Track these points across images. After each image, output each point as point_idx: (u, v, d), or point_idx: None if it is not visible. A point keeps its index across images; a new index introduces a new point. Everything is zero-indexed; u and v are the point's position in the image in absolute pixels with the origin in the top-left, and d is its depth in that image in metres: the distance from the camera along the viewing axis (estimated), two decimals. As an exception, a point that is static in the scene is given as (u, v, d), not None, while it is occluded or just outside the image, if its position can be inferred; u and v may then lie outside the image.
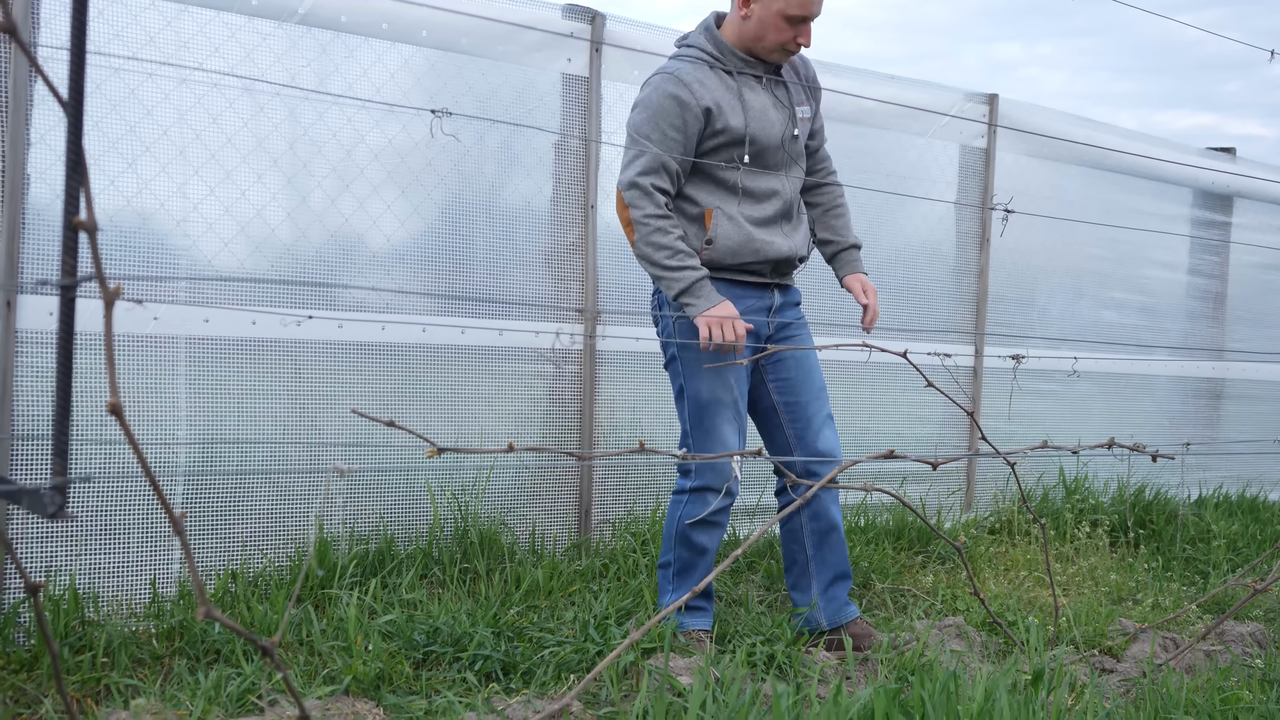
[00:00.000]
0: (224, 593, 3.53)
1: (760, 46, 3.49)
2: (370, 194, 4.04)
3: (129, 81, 3.56)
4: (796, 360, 3.64)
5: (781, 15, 3.41)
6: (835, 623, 3.66)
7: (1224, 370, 6.91)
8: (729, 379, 3.52)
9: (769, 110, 3.55)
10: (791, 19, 3.42)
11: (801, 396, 3.63)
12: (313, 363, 3.92)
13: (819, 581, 3.68)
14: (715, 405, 3.52)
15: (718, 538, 3.60)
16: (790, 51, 3.50)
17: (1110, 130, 6.16)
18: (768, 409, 3.67)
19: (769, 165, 3.55)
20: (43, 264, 3.39)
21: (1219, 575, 4.94)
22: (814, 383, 3.66)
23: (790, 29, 3.43)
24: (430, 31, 4.06)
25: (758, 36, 3.48)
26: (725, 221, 3.49)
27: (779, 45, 3.47)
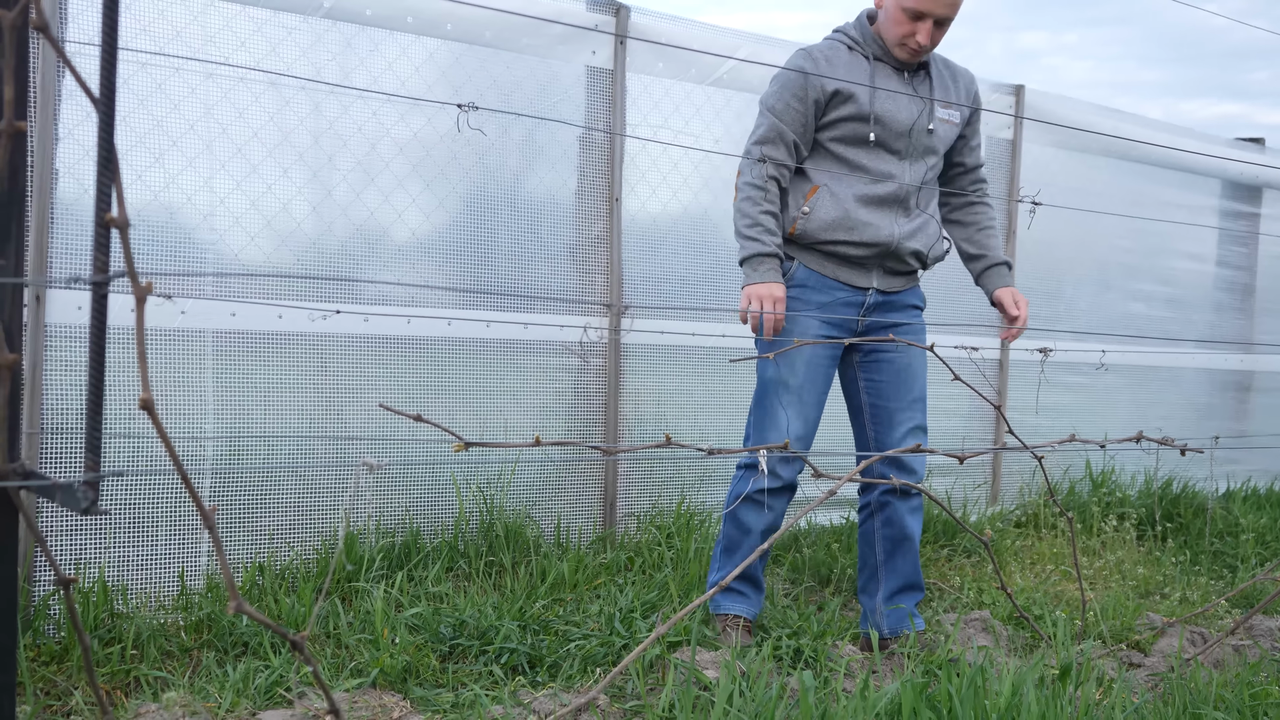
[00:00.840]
0: (251, 585, 3.54)
1: (887, 39, 3.48)
2: (395, 187, 4.04)
3: (156, 76, 3.57)
4: (893, 365, 3.60)
5: (900, 8, 3.40)
6: (895, 632, 3.61)
7: (1252, 363, 6.86)
8: (797, 363, 3.49)
9: (900, 96, 3.52)
10: (908, 11, 3.38)
11: (891, 403, 3.59)
12: (339, 356, 3.93)
13: (886, 588, 3.63)
14: (777, 386, 3.51)
15: (764, 519, 3.53)
16: (912, 49, 3.45)
17: (1137, 121, 6.12)
18: (857, 408, 3.66)
19: (893, 150, 3.51)
20: (71, 258, 3.41)
21: (1247, 569, 4.91)
22: (910, 391, 3.61)
23: (909, 23, 3.40)
24: (455, 25, 4.06)
25: (885, 28, 3.47)
26: (828, 197, 3.48)
27: (899, 39, 3.44)
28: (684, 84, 4.62)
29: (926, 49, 3.44)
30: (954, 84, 3.65)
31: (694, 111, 4.66)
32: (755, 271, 3.41)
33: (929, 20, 3.39)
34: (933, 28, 3.41)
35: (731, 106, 4.76)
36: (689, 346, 4.64)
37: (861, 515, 3.71)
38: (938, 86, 3.60)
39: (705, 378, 4.72)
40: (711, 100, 4.71)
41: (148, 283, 1.45)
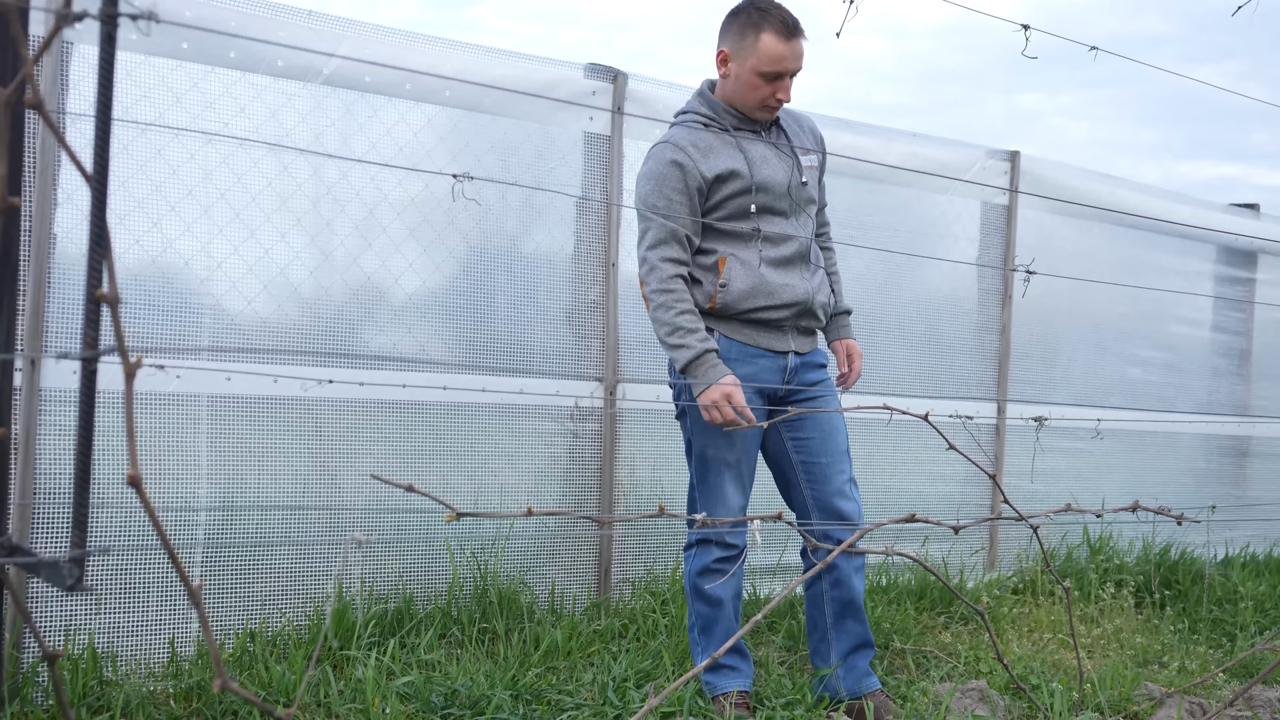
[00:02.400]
0: (242, 652, 3.52)
1: (743, 105, 3.47)
2: (393, 251, 4.06)
3: (155, 141, 3.59)
4: (817, 421, 3.61)
5: (755, 72, 3.38)
6: (855, 693, 3.60)
7: (1250, 428, 6.85)
8: (733, 439, 3.49)
9: (770, 159, 3.52)
10: (766, 75, 3.38)
11: (821, 458, 3.59)
12: (334, 420, 3.93)
13: (839, 649, 3.63)
14: (717, 463, 3.50)
15: (730, 587, 3.53)
16: (771, 108, 3.47)
17: (1134, 187, 6.16)
18: (787, 468, 3.64)
19: (779, 211, 3.52)
20: (68, 321, 3.41)
21: (1246, 637, 4.87)
22: (835, 445, 3.61)
23: (767, 85, 3.40)
24: (453, 92, 4.10)
25: (739, 95, 3.45)
26: (739, 266, 3.46)
27: (759, 103, 3.44)
28: (681, 150, 4.64)
29: (787, 102, 3.47)
30: (801, 129, 3.67)
31: (691, 177, 4.69)
32: (698, 376, 3.36)
33: (786, 78, 3.42)
34: (789, 81, 3.44)
35: (728, 172, 4.78)
36: (685, 411, 4.63)
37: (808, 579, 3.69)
38: (792, 135, 3.62)
39: (701, 442, 4.70)
40: (708, 166, 4.73)
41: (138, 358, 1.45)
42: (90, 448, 1.55)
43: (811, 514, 3.59)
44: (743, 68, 3.40)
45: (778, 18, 3.36)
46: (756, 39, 3.36)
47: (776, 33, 3.35)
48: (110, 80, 1.50)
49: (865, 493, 3.88)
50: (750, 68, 3.38)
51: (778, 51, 3.36)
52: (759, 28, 3.36)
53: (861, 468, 5.11)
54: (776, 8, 3.39)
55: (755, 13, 3.38)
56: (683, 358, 3.34)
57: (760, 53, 3.36)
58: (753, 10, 3.39)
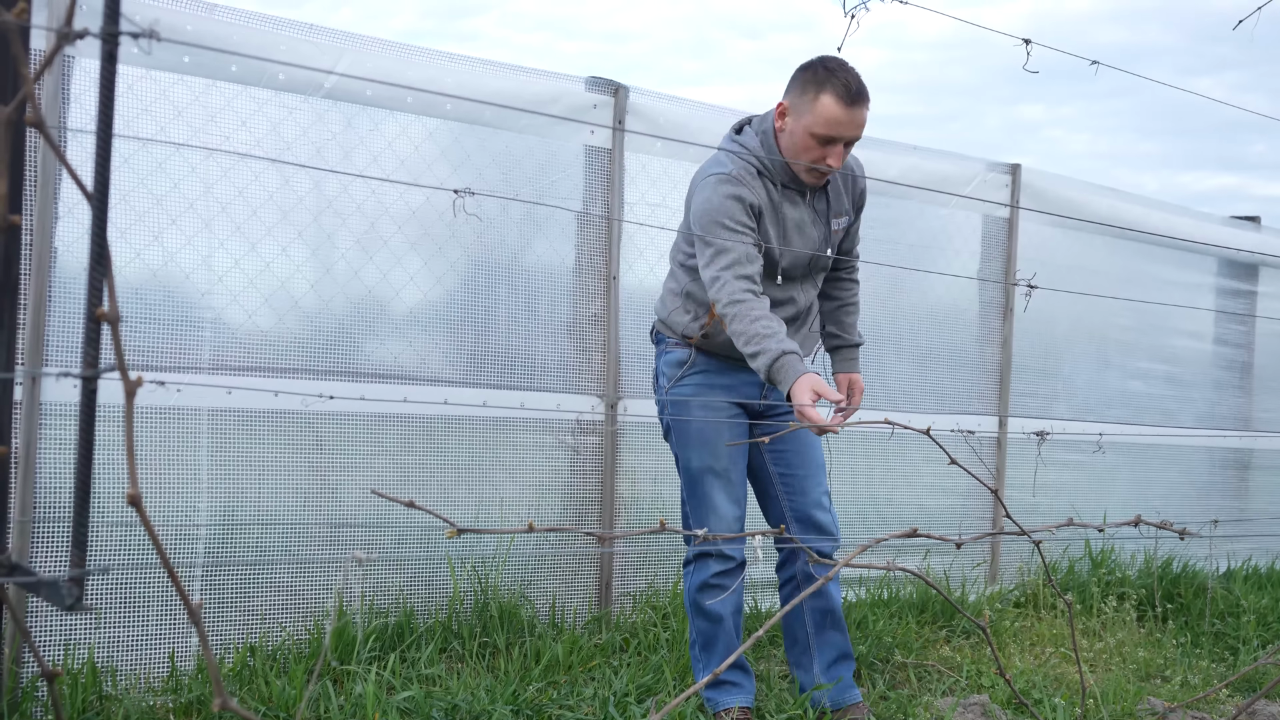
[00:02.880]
0: (242, 666, 3.51)
1: (793, 163, 3.36)
2: (394, 264, 4.06)
3: (156, 154, 3.59)
4: (794, 435, 3.61)
5: (809, 132, 3.27)
6: (838, 705, 3.60)
7: (1251, 441, 6.84)
8: (719, 448, 3.49)
9: (805, 227, 3.45)
10: (819, 137, 3.27)
11: (798, 470, 3.60)
12: (334, 432, 3.92)
13: (820, 660, 3.63)
14: (706, 474, 3.50)
15: (730, 603, 3.52)
16: (820, 173, 3.37)
17: (1134, 200, 6.15)
18: (766, 479, 3.65)
19: (790, 277, 3.48)
20: (69, 335, 3.41)
21: (1249, 651, 4.86)
22: (812, 459, 3.62)
23: (819, 148, 3.29)
24: (455, 105, 4.10)
25: (790, 152, 3.35)
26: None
27: (808, 164, 3.33)
28: (682, 163, 4.64)
29: (837, 169, 3.35)
30: (844, 188, 3.57)
31: (692, 190, 4.68)
32: (781, 379, 3.13)
33: (839, 144, 3.30)
34: (843, 149, 3.32)
35: (729, 185, 4.78)
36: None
37: (785, 590, 3.69)
38: (833, 198, 3.53)
39: (702, 455, 4.69)
40: (709, 179, 4.73)
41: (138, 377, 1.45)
42: (90, 467, 1.55)
43: (789, 525, 3.59)
44: (798, 124, 3.29)
45: (842, 81, 3.24)
46: (816, 98, 3.25)
47: (838, 96, 3.23)
48: (111, 99, 1.49)
49: (867, 506, 3.88)
50: (805, 126, 3.27)
51: (835, 115, 3.24)
52: (821, 87, 3.24)
53: (863, 481, 5.11)
54: (845, 71, 3.26)
55: (822, 71, 3.27)
56: (763, 365, 3.15)
57: (817, 113, 3.24)
58: (820, 69, 3.28)
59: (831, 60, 3.30)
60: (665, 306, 3.63)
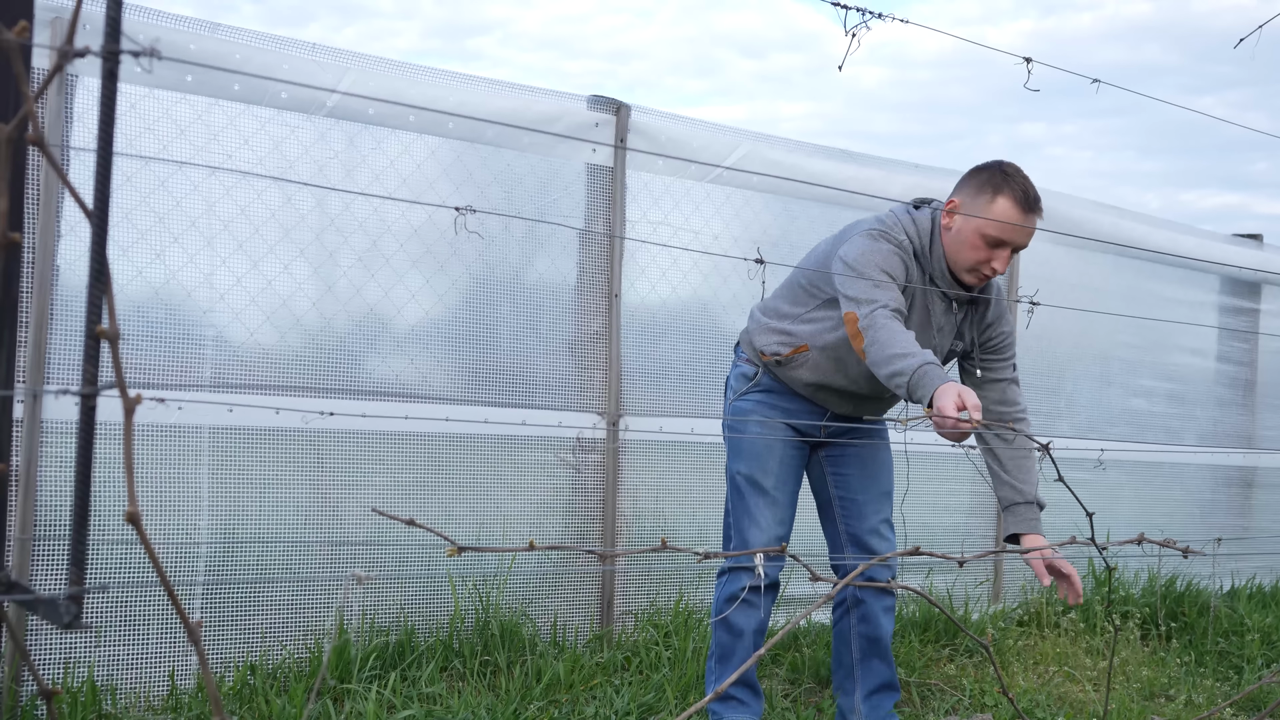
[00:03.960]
0: (242, 685, 3.50)
1: (955, 262, 3.29)
2: (396, 282, 4.06)
3: (159, 172, 3.60)
4: (860, 459, 3.59)
5: (979, 233, 3.21)
6: None
7: (1255, 459, 6.83)
8: (769, 464, 3.47)
9: (944, 331, 3.38)
10: (988, 239, 3.20)
11: (860, 495, 3.58)
12: (336, 450, 3.92)
13: (863, 688, 3.61)
14: (752, 487, 3.48)
15: (754, 618, 3.47)
16: (983, 276, 3.28)
17: (1138, 219, 6.16)
18: (825, 502, 3.64)
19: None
20: (71, 352, 3.41)
21: (1253, 670, 4.84)
22: (877, 484, 3.59)
23: (986, 250, 3.22)
24: (457, 124, 4.10)
25: (955, 250, 3.28)
26: (811, 365, 3.41)
27: (971, 265, 3.25)
28: (684, 181, 4.65)
29: (1000, 274, 3.30)
30: (977, 315, 3.48)
31: (694, 207, 4.69)
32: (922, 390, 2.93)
33: (1007, 249, 3.24)
34: (1009, 254, 3.26)
35: (731, 203, 4.79)
36: (688, 443, 4.62)
37: (836, 613, 3.68)
38: (969, 320, 3.45)
39: (704, 473, 4.69)
40: (711, 196, 4.74)
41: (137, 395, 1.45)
42: (89, 485, 1.54)
43: (846, 548, 3.57)
44: (968, 224, 3.23)
45: (1020, 187, 3.21)
46: (992, 200, 3.21)
47: (1014, 200, 3.19)
48: (111, 117, 1.49)
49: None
50: (975, 227, 3.22)
51: (1010, 217, 3.19)
52: (999, 190, 3.21)
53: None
54: (1022, 177, 3.25)
55: (1000, 175, 3.24)
56: (903, 382, 2.98)
57: (991, 214, 3.21)
58: (997, 171, 3.26)
59: (1009, 165, 3.28)
60: (755, 325, 3.58)
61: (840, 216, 5.08)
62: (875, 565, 3.53)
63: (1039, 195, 3.26)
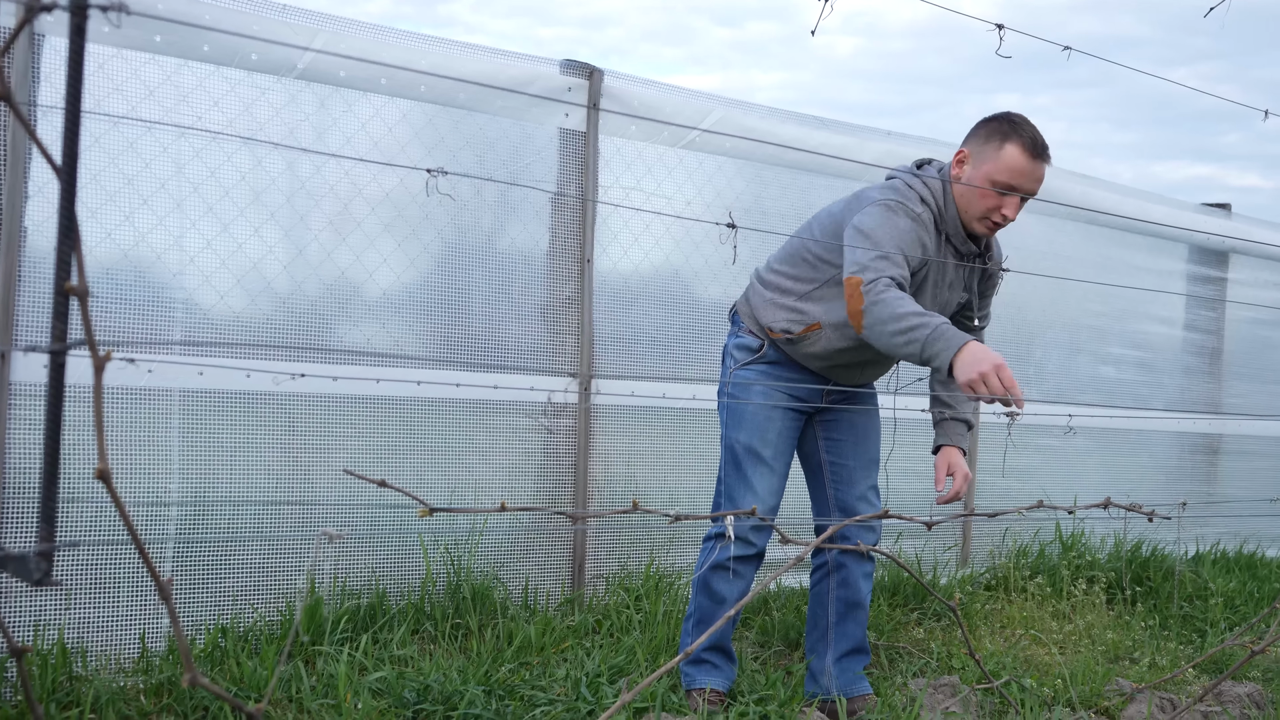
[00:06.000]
0: (213, 648, 3.50)
1: (966, 212, 3.34)
2: (367, 246, 4.05)
3: (128, 134, 3.57)
4: (853, 425, 3.63)
5: (989, 180, 3.27)
6: (846, 694, 3.60)
7: (1220, 426, 6.90)
8: (768, 433, 3.49)
9: (952, 287, 3.45)
10: (999, 186, 3.26)
11: (850, 461, 3.62)
12: (307, 415, 3.91)
13: (835, 650, 3.65)
14: (751, 456, 3.49)
15: (738, 587, 3.48)
16: (994, 224, 3.32)
17: (1108, 187, 6.19)
18: (816, 465, 3.67)
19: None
20: (39, 314, 3.39)
21: (1216, 633, 4.91)
22: (866, 451, 3.64)
23: (996, 197, 3.27)
24: (429, 87, 4.08)
25: (966, 200, 3.33)
26: (823, 340, 3.44)
27: (982, 213, 3.31)
28: (656, 146, 4.65)
29: (1010, 221, 3.34)
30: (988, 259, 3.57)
31: (666, 173, 4.69)
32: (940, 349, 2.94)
33: (1017, 196, 3.29)
34: (1019, 202, 3.31)
35: (704, 168, 4.79)
36: (659, 408, 4.63)
37: (816, 575, 3.71)
38: (976, 277, 3.52)
39: (676, 439, 4.71)
40: (684, 161, 4.74)
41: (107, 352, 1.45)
42: (58, 441, 1.54)
43: (832, 514, 3.59)
44: (978, 172, 3.29)
45: (1029, 134, 3.27)
46: (1001, 147, 3.26)
47: (1023, 147, 3.25)
48: (80, 70, 1.49)
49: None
50: (985, 174, 3.27)
51: (1020, 165, 3.24)
52: (1007, 137, 3.27)
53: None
54: (1030, 126, 3.30)
55: (1008, 124, 3.30)
56: (920, 335, 2.96)
57: (1001, 161, 3.25)
58: (1006, 121, 3.31)
59: (1017, 114, 3.34)
60: (758, 298, 3.58)
61: (812, 183, 5.10)
62: (859, 530, 3.56)
63: (1047, 143, 3.32)
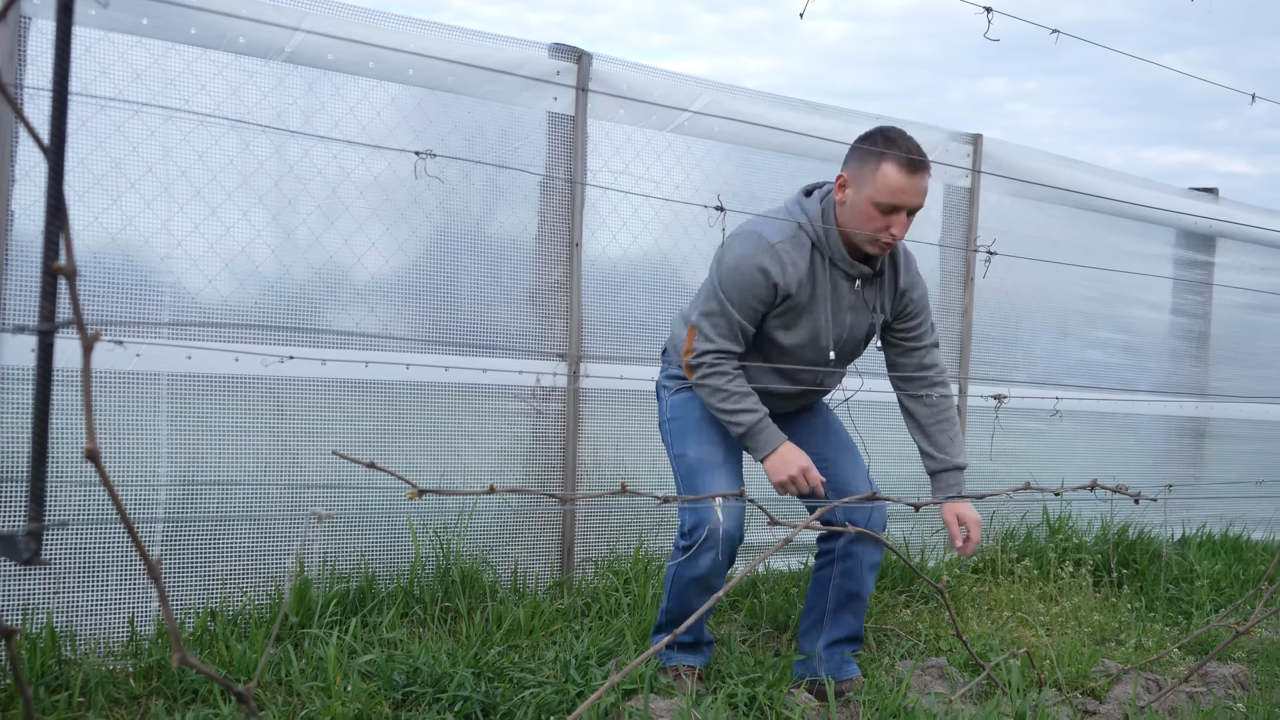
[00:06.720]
0: (202, 631, 3.50)
1: (854, 235, 3.34)
2: (355, 230, 4.04)
3: (115, 118, 3.56)
4: (807, 424, 3.66)
5: (871, 202, 3.26)
6: (834, 676, 3.60)
7: (1207, 409, 6.93)
8: (717, 434, 3.48)
9: (847, 312, 3.45)
10: (881, 206, 3.26)
11: (831, 453, 3.62)
12: (296, 398, 3.91)
13: (827, 636, 3.65)
14: (704, 465, 3.45)
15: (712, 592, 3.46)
16: (884, 244, 3.33)
17: (1095, 171, 6.20)
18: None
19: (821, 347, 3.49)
20: (27, 299, 3.38)
21: (1202, 615, 4.94)
22: (838, 439, 3.65)
23: (882, 217, 3.27)
24: (417, 70, 4.08)
25: (853, 224, 3.33)
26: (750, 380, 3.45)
27: (871, 234, 3.30)
28: (645, 130, 4.65)
29: (900, 239, 3.33)
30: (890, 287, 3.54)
31: (655, 157, 4.69)
32: (760, 444, 3.33)
33: (902, 213, 3.29)
34: (906, 218, 3.31)
35: (692, 153, 4.79)
36: (648, 391, 4.64)
37: (820, 560, 3.70)
38: (879, 294, 3.52)
39: (664, 422, 4.72)
40: (672, 146, 4.74)
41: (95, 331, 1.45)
42: (47, 421, 1.55)
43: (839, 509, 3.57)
44: (859, 196, 3.29)
45: (903, 149, 3.25)
46: (877, 168, 3.25)
47: (899, 164, 3.24)
48: (67, 48, 1.49)
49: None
50: (866, 197, 3.27)
51: (897, 183, 3.23)
52: (882, 156, 3.26)
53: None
54: (904, 140, 3.28)
55: (881, 140, 3.29)
56: (743, 423, 3.32)
57: (879, 182, 3.25)
58: (879, 138, 3.30)
59: (890, 130, 3.33)
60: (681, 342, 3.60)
61: (801, 167, 5.10)
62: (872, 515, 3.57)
63: (924, 155, 3.31)
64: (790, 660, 3.75)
